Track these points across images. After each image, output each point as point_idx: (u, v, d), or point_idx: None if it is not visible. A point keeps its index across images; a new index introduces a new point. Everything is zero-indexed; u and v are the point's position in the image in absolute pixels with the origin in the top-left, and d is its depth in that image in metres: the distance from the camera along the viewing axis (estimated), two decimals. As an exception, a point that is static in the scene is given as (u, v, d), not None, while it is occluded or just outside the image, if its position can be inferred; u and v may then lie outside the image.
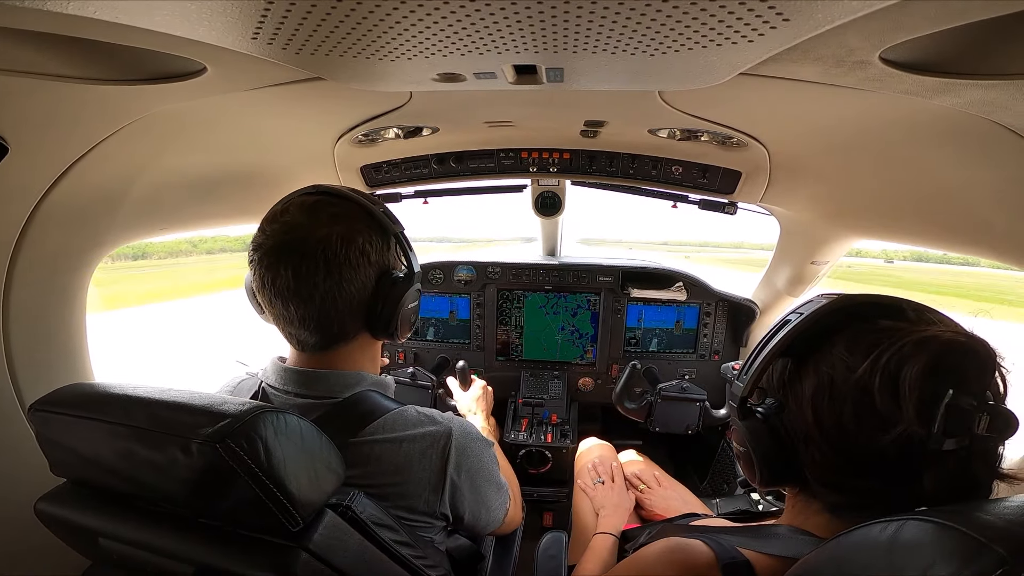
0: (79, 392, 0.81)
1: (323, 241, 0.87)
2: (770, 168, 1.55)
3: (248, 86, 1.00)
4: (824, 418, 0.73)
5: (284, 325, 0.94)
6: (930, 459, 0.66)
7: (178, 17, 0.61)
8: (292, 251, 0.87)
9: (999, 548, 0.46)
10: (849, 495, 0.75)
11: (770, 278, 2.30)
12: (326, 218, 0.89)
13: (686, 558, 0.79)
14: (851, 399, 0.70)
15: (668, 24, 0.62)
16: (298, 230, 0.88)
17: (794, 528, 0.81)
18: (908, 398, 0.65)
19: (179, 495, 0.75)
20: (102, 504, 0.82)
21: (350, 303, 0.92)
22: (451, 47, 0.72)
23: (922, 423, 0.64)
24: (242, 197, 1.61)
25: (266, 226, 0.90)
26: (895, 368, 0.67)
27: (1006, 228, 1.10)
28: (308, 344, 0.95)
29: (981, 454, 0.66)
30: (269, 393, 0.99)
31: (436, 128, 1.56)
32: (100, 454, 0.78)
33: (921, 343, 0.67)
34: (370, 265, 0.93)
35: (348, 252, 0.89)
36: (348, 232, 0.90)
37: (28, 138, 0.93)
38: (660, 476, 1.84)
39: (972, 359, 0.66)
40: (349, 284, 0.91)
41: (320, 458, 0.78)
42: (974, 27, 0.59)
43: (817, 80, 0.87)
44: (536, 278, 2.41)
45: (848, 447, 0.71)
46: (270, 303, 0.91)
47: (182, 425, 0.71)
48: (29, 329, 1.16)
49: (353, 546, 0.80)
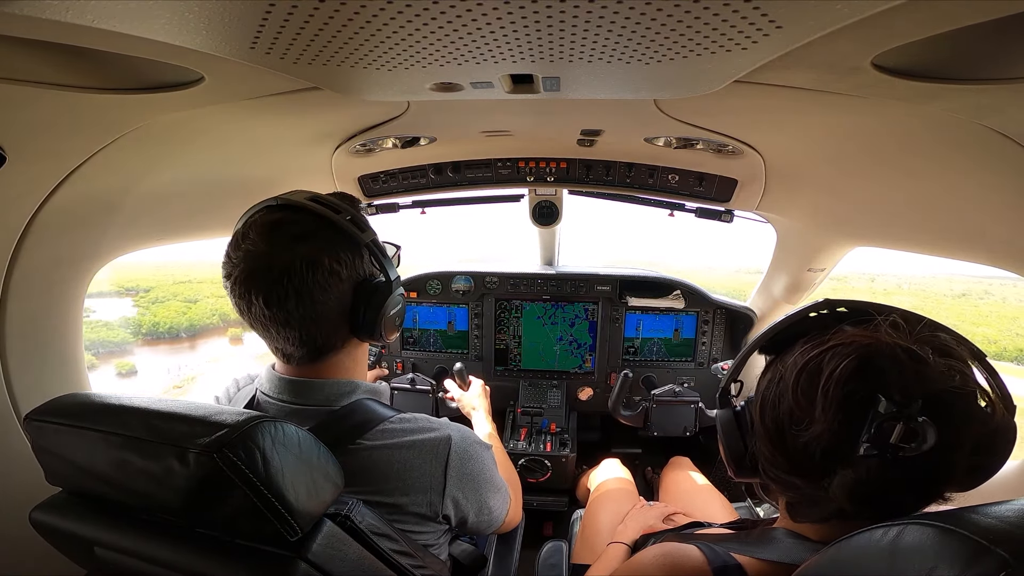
0: (74, 402, 0.81)
1: (287, 269, 0.84)
2: (765, 175, 1.56)
3: (246, 96, 1.01)
4: (766, 413, 0.78)
5: (270, 343, 0.94)
6: (849, 462, 0.66)
7: (176, 26, 0.62)
8: (258, 281, 0.84)
9: (1001, 551, 0.45)
10: (792, 493, 0.78)
11: (767, 286, 2.30)
12: (287, 240, 0.85)
13: (676, 561, 0.82)
14: (786, 396, 0.73)
15: (663, 32, 0.63)
16: (261, 259, 0.84)
17: (789, 531, 0.82)
18: (821, 397, 0.67)
19: (175, 505, 0.74)
20: (98, 514, 0.81)
21: (330, 319, 0.91)
22: (448, 56, 0.73)
23: (843, 424, 0.65)
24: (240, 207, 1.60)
25: (231, 252, 0.87)
26: (815, 367, 0.70)
27: (1001, 232, 1.10)
28: (295, 358, 0.94)
29: (899, 466, 0.63)
30: (262, 401, 0.98)
31: (433, 138, 1.57)
32: (94, 463, 0.77)
33: (849, 345, 0.68)
34: (342, 281, 0.90)
35: (315, 275, 0.86)
36: (313, 254, 0.86)
37: (26, 147, 0.93)
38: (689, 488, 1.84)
39: (898, 367, 0.64)
40: (323, 305, 0.88)
41: (318, 468, 0.78)
42: (965, 32, 0.60)
43: (811, 87, 0.88)
44: (534, 288, 2.41)
45: (782, 443, 0.74)
46: (251, 326, 0.91)
47: (178, 434, 0.71)
48: (26, 338, 1.16)
49: (352, 556, 0.79)
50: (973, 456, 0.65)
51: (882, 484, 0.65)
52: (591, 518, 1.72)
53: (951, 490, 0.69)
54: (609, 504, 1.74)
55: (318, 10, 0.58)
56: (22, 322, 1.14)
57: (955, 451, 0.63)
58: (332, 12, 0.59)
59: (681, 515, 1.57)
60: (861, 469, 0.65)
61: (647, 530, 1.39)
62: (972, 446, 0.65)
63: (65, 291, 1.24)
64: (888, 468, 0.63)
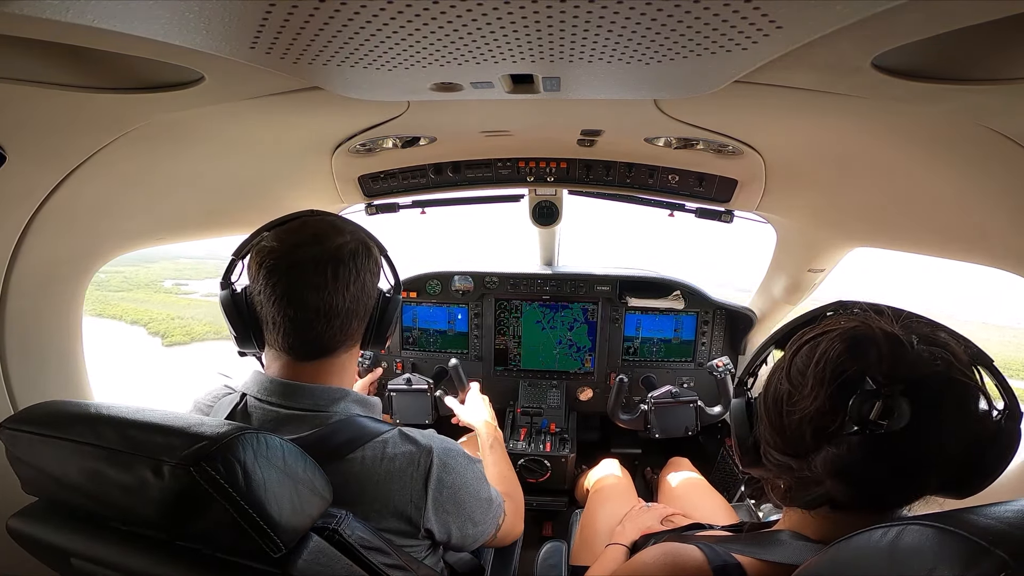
0: (49, 410, 0.79)
1: (352, 250, 0.96)
2: (766, 175, 1.56)
3: (246, 95, 1.01)
4: (768, 395, 0.81)
5: (277, 331, 0.94)
6: (834, 441, 0.68)
7: (176, 26, 0.62)
8: (323, 257, 0.93)
9: (1000, 552, 0.46)
10: (786, 476, 0.79)
11: (767, 286, 2.30)
12: (348, 232, 0.98)
13: (676, 561, 0.83)
14: (782, 377, 0.78)
15: (663, 32, 0.63)
16: (328, 240, 0.94)
17: (793, 533, 0.81)
18: (812, 376, 0.71)
19: (152, 517, 0.72)
20: (75, 524, 0.79)
21: (348, 314, 0.97)
22: (448, 56, 0.73)
23: (826, 402, 0.68)
24: (240, 206, 1.62)
25: (284, 235, 0.95)
26: (808, 349, 0.74)
27: (1001, 232, 1.10)
28: (298, 351, 0.96)
29: (879, 445, 0.65)
30: (251, 405, 0.97)
31: (433, 138, 1.57)
32: (67, 474, 0.75)
33: (840, 329, 0.72)
34: (376, 277, 1.02)
35: (368, 262, 0.99)
36: (366, 246, 1.00)
37: (27, 146, 0.93)
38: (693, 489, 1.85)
39: (882, 348, 0.67)
40: (370, 290, 1.00)
41: (304, 481, 0.75)
42: (965, 33, 0.60)
43: (811, 87, 0.88)
44: (534, 288, 2.41)
45: (780, 423, 0.77)
46: (270, 304, 0.92)
47: (154, 446, 0.68)
48: (26, 338, 1.16)
49: (340, 572, 0.76)
50: (966, 454, 0.67)
51: (863, 464, 0.67)
52: (590, 519, 1.72)
53: (939, 490, 0.71)
54: (608, 505, 1.74)
55: (318, 10, 0.58)
56: (22, 322, 1.14)
57: (937, 438, 0.65)
58: (332, 12, 0.59)
59: (680, 516, 1.57)
60: (843, 446, 0.67)
61: (646, 531, 1.39)
62: (964, 443, 0.66)
63: (65, 290, 1.24)
64: (869, 447, 0.66)
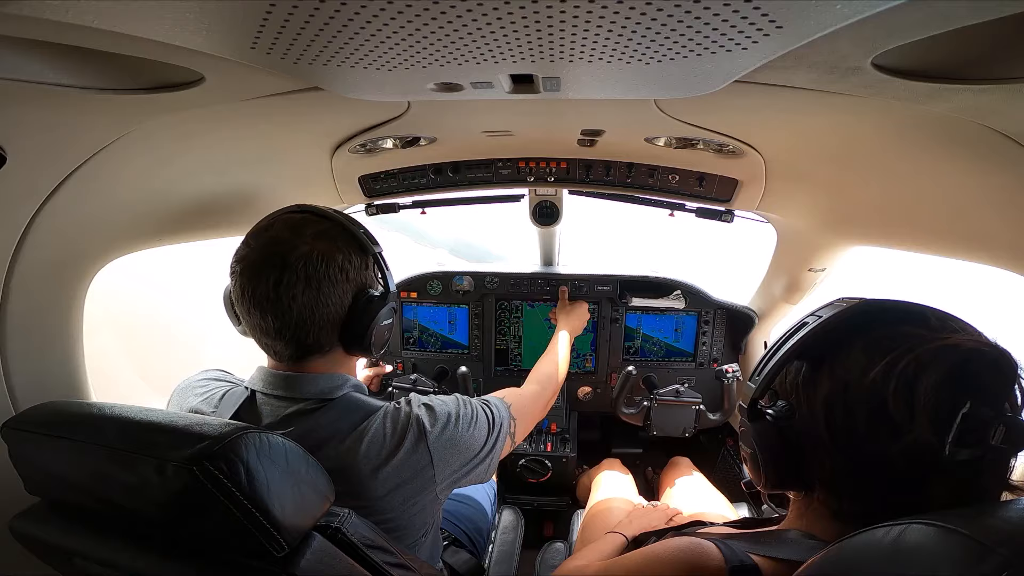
0: (52, 410, 0.79)
1: (305, 256, 0.92)
2: (766, 175, 1.56)
3: (246, 96, 1.01)
4: (836, 423, 0.73)
5: (260, 335, 0.97)
6: (941, 468, 0.64)
7: (177, 27, 0.62)
8: (274, 264, 0.91)
9: (1002, 551, 0.45)
10: (855, 501, 0.75)
11: (767, 286, 2.30)
12: (309, 235, 0.95)
13: (696, 558, 0.79)
14: (864, 405, 0.70)
15: (663, 32, 0.63)
16: (282, 244, 0.93)
17: (803, 533, 0.80)
18: (923, 407, 0.64)
19: (155, 517, 0.72)
20: (78, 524, 0.79)
21: (326, 317, 0.97)
22: (448, 57, 0.73)
23: (935, 432, 0.63)
24: (240, 207, 1.61)
25: (251, 240, 0.96)
26: (912, 375, 0.66)
27: (1001, 232, 1.10)
28: (283, 355, 0.98)
29: (992, 465, 0.65)
30: (260, 400, 1.00)
31: (434, 138, 1.57)
32: (70, 474, 0.75)
33: (941, 351, 0.66)
34: (348, 282, 0.98)
35: (328, 269, 0.94)
36: (329, 250, 0.95)
37: (27, 147, 0.93)
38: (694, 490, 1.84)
39: (993, 369, 0.65)
40: (327, 299, 0.95)
41: (306, 480, 0.76)
42: (965, 32, 0.60)
43: (811, 87, 0.88)
44: (534, 288, 2.41)
45: (857, 453, 0.71)
46: (248, 313, 0.94)
47: (157, 445, 0.69)
48: (26, 339, 1.16)
49: (343, 571, 0.76)
50: None
51: (978, 487, 0.65)
52: (591, 519, 1.72)
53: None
54: (609, 505, 1.74)
55: (318, 10, 0.58)
56: (22, 323, 1.14)
57: None
58: (332, 12, 0.59)
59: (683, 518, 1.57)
60: (961, 472, 0.64)
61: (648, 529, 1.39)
62: None
63: (65, 291, 1.24)
64: (982, 470, 0.64)
